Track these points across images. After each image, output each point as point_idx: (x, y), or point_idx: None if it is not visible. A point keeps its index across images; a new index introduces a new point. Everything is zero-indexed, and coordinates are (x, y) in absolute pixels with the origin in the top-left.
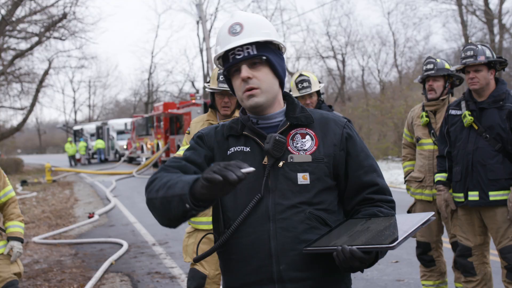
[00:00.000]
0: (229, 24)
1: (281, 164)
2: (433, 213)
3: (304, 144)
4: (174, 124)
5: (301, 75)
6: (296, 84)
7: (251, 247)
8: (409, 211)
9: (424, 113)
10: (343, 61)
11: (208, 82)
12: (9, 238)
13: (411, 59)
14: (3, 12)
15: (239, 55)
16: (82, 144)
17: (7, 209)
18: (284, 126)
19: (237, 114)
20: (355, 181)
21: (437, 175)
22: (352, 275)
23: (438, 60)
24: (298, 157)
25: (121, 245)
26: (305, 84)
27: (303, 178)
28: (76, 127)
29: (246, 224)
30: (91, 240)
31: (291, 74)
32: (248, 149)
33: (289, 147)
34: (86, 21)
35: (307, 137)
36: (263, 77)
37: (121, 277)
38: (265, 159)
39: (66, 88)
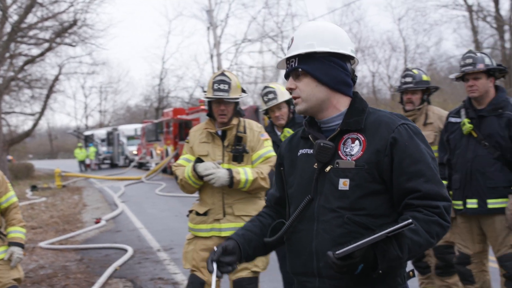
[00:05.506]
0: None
1: (328, 168)
2: (409, 221)
3: (352, 149)
4: (183, 129)
5: (266, 87)
6: (262, 97)
7: (301, 243)
8: None
9: None
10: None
11: (205, 91)
12: (10, 244)
13: (421, 65)
14: (14, 18)
15: (288, 68)
16: (92, 149)
17: (8, 215)
18: (335, 132)
19: (234, 122)
20: (398, 188)
21: None
22: None
23: (416, 72)
24: (344, 162)
25: (126, 251)
26: (270, 96)
27: (343, 184)
28: (87, 133)
29: (300, 221)
30: (97, 246)
31: None
32: (311, 151)
33: (339, 152)
34: (96, 27)
35: (356, 142)
36: (303, 87)
37: (124, 283)
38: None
39: (78, 93)
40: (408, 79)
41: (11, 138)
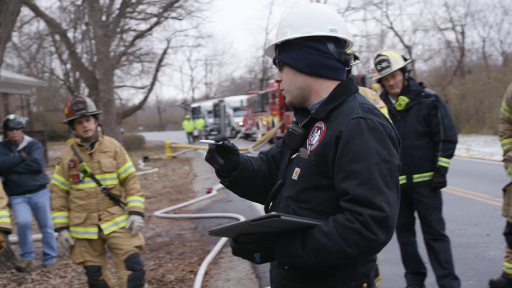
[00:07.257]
0: None
1: (294, 156)
2: (273, 213)
3: (314, 139)
4: None
5: (379, 55)
6: (376, 65)
7: None
8: (504, 190)
9: None
10: (462, 33)
11: None
12: (130, 213)
13: None
14: None
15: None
16: (200, 121)
17: (127, 184)
18: (306, 119)
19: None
20: (336, 186)
21: None
22: (474, 254)
23: None
24: (304, 151)
25: (238, 220)
26: (384, 64)
27: (295, 173)
28: (194, 105)
29: (270, 205)
30: (210, 215)
31: (408, 47)
32: None
33: (308, 140)
34: (202, 0)
35: (319, 131)
36: (284, 78)
37: None
38: None
39: (184, 66)
40: None
41: (123, 111)
